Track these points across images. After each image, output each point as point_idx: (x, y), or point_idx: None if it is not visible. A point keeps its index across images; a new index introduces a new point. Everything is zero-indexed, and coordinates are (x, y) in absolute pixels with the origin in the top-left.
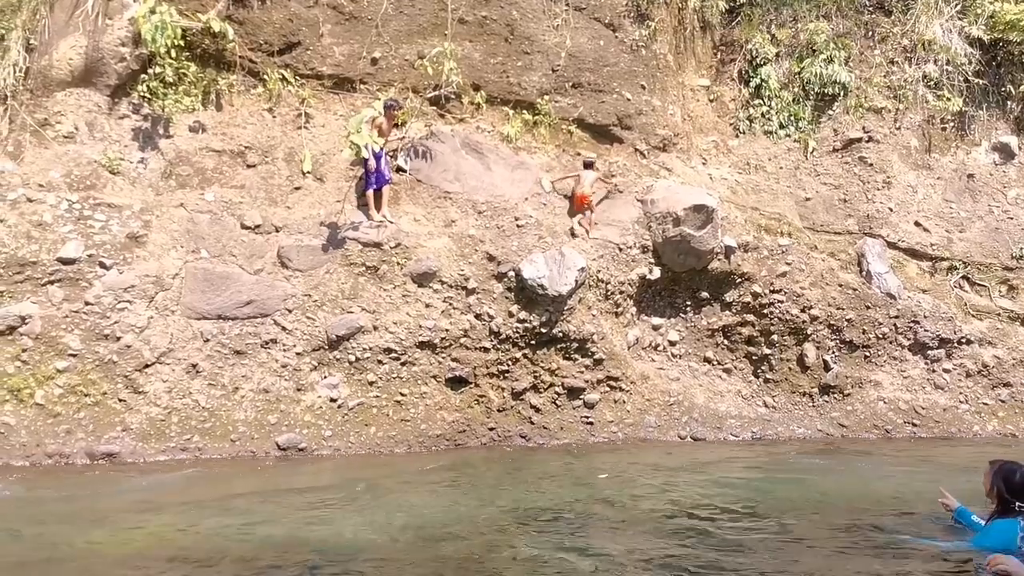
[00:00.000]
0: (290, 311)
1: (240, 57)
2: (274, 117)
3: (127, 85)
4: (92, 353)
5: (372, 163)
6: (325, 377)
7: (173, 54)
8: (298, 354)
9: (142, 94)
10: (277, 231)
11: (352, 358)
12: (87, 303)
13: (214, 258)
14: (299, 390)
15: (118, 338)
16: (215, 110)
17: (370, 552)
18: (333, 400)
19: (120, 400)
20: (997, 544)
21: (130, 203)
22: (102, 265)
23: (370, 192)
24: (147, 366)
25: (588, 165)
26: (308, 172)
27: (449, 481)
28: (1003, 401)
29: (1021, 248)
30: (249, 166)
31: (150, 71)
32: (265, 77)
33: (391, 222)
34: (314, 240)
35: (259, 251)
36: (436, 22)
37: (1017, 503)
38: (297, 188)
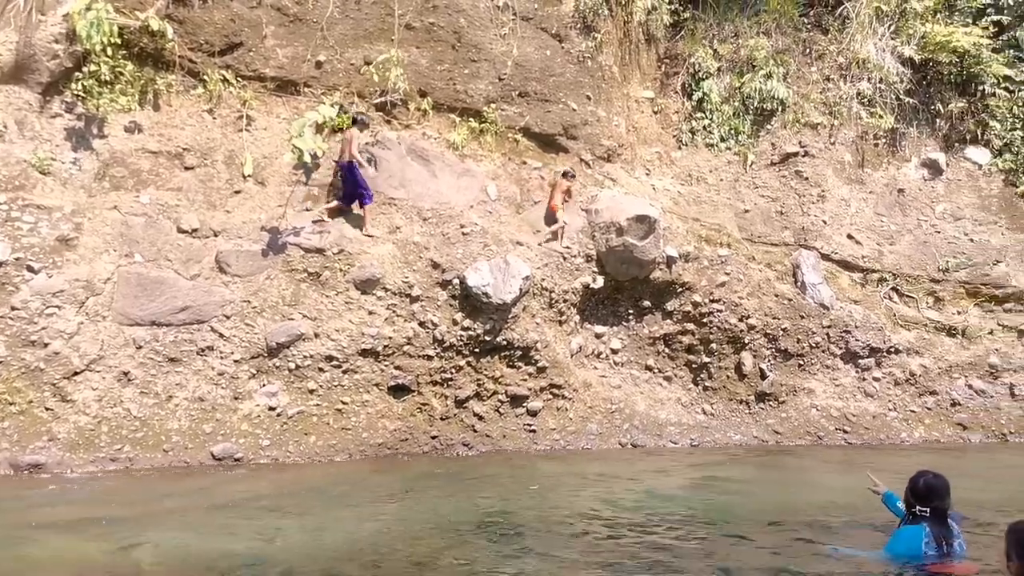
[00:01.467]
0: (228, 317)
1: (180, 57)
2: (214, 119)
3: (60, 83)
4: (18, 360)
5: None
6: (264, 385)
7: (109, 52)
8: (236, 361)
9: (76, 92)
10: (215, 235)
11: (292, 366)
12: (13, 308)
13: (148, 262)
14: (236, 398)
15: (46, 344)
16: (152, 110)
17: (305, 565)
18: (272, 408)
19: (47, 409)
20: (904, 551)
21: (61, 205)
22: (30, 269)
23: (368, 205)
24: (76, 374)
25: (563, 175)
26: (249, 175)
27: (388, 490)
28: (929, 409)
29: (947, 261)
30: (187, 168)
31: (85, 69)
32: (205, 78)
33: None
34: (254, 245)
35: (196, 256)
36: (383, 27)
37: (919, 508)
38: (237, 192)
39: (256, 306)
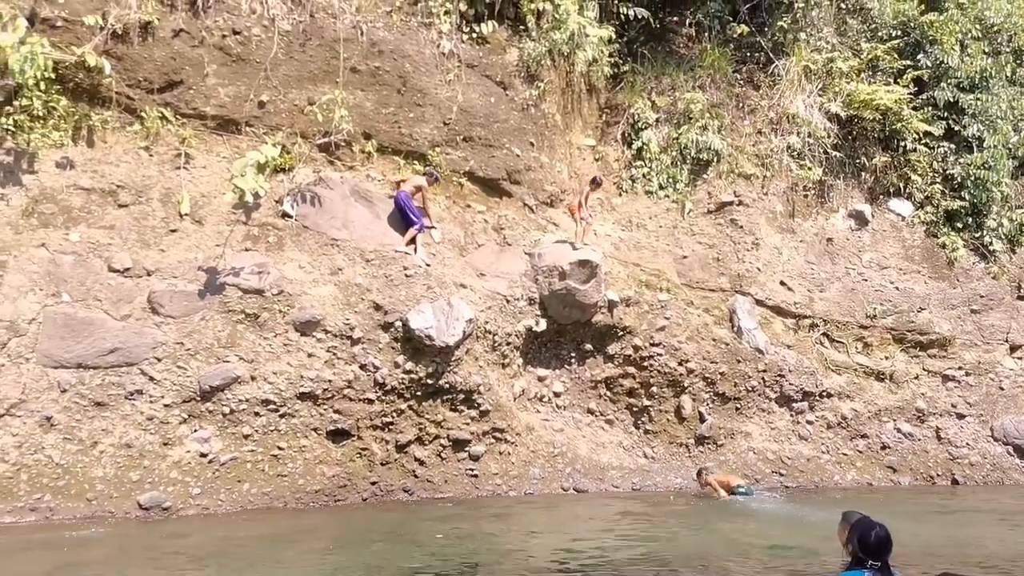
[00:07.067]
0: (159, 360)
1: (116, 93)
2: (151, 156)
3: None
4: None
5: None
6: (195, 430)
7: (43, 87)
8: (166, 406)
9: (6, 127)
10: (149, 275)
11: (226, 410)
12: None
13: (76, 302)
14: (166, 444)
15: None
16: (86, 146)
17: None
18: (203, 455)
19: None
20: None
21: None
22: None
23: (418, 234)
24: None
25: (592, 181)
26: (186, 214)
27: (320, 541)
28: (860, 452)
29: (874, 308)
30: (120, 206)
31: (16, 103)
32: (143, 115)
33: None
34: (189, 285)
35: (127, 296)
36: (327, 69)
37: (870, 561)
38: (173, 231)
39: (190, 348)
